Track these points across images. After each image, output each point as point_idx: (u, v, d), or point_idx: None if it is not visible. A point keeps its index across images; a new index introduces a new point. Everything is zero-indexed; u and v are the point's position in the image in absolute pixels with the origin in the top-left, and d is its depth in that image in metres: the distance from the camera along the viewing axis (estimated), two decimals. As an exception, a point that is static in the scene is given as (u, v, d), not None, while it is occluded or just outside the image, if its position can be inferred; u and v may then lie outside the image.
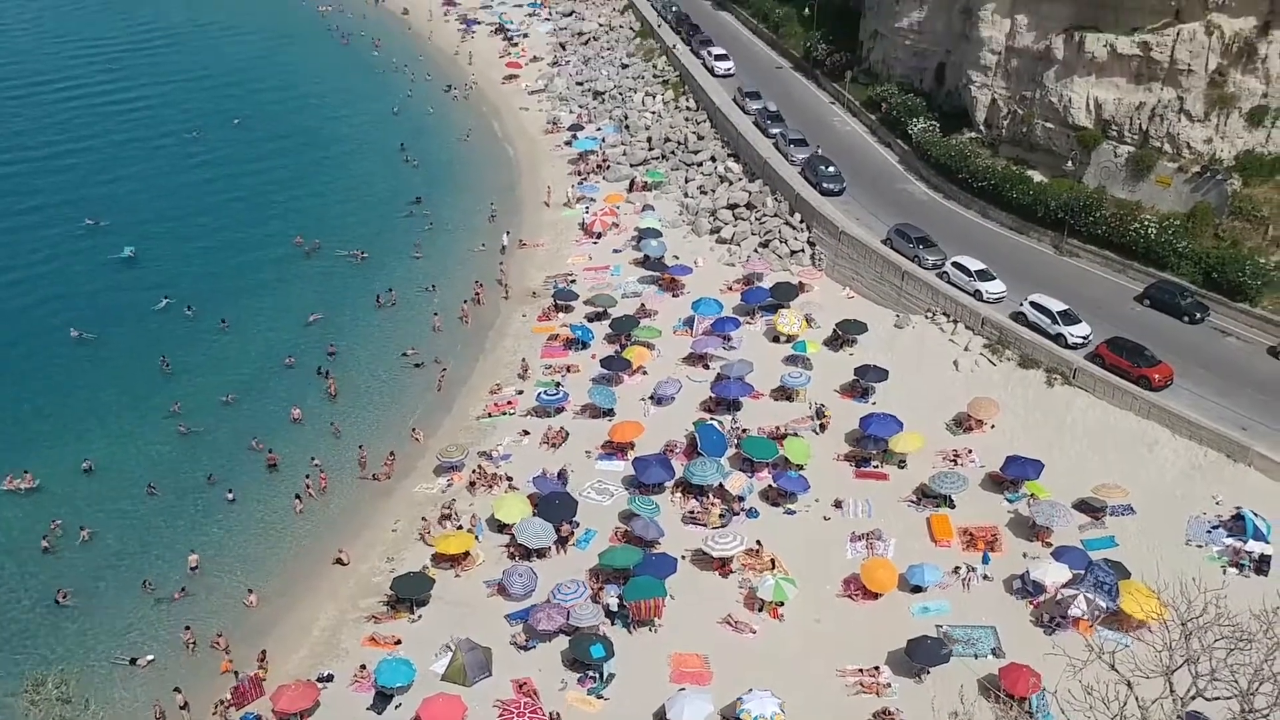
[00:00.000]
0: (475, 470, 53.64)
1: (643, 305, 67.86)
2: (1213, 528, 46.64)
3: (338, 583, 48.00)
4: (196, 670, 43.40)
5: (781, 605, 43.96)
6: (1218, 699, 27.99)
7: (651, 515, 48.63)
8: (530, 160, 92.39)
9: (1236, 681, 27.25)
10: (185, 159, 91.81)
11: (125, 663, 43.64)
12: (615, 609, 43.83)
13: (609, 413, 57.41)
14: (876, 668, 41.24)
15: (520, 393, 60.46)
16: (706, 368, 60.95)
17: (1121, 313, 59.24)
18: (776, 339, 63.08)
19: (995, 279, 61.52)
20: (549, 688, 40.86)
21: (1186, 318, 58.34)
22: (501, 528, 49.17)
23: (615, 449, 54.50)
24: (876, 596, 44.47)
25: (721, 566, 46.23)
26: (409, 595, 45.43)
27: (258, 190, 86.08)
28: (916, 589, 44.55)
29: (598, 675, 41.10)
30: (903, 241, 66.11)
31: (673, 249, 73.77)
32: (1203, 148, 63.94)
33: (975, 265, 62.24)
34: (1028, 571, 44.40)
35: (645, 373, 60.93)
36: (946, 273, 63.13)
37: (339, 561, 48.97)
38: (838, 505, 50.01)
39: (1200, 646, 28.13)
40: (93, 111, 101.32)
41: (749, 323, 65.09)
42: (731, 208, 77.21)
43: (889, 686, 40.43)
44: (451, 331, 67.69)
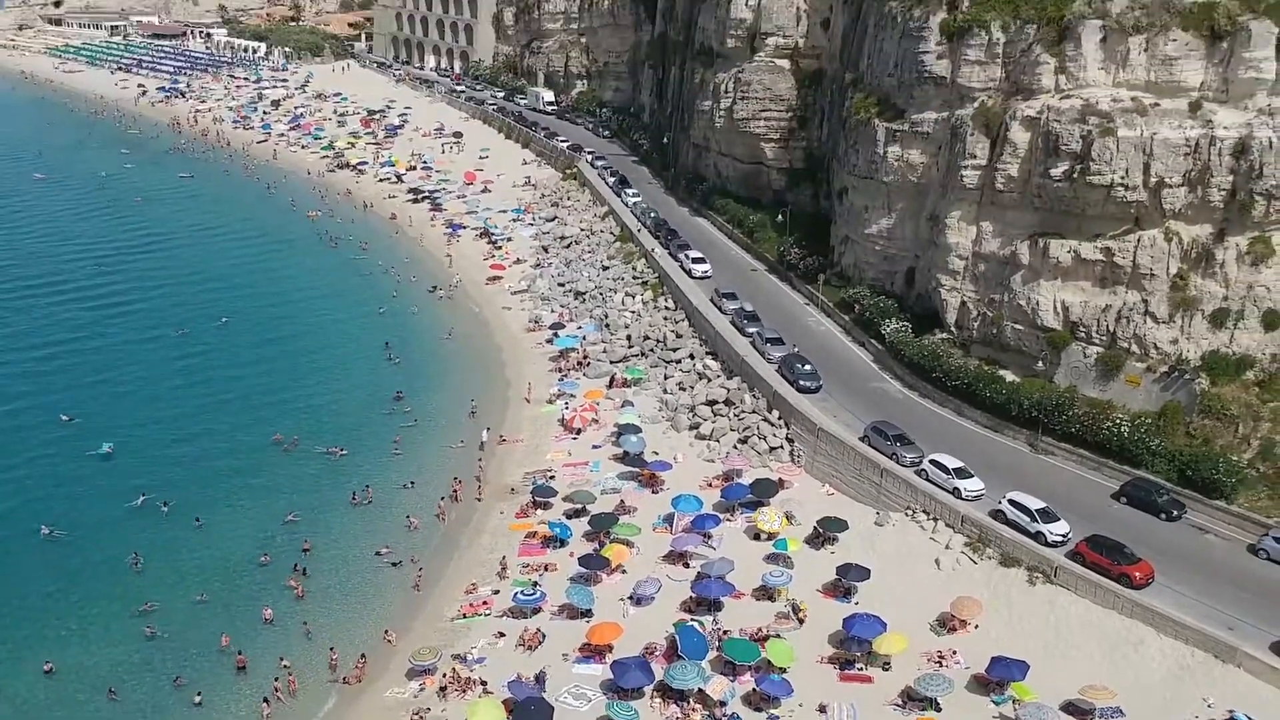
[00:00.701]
0: (448, 674, 52.20)
1: (622, 502, 67.63)
2: (1206, 733, 45.60)
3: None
4: None
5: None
6: None
7: (630, 721, 47.22)
8: (512, 357, 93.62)
9: None
10: (171, 357, 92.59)
11: None
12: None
13: (587, 613, 56.37)
14: None
15: (496, 592, 59.44)
16: (687, 566, 60.27)
17: (1099, 510, 59.41)
18: (757, 536, 62.68)
19: (973, 477, 61.88)
20: None
21: (1164, 515, 58.54)
22: (475, 734, 47.56)
23: (593, 651, 53.27)
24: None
25: (703, 775, 44.63)
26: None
27: (241, 388, 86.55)
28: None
29: None
30: (880, 439, 66.70)
31: (652, 445, 74.07)
32: (1169, 348, 65.59)
33: (953, 463, 62.70)
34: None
35: (624, 571, 60.14)
36: (925, 470, 63.48)
37: (305, 771, 47.10)
38: (822, 710, 48.69)
39: None
40: (84, 312, 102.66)
41: (729, 520, 64.78)
42: (710, 404, 78.01)
43: None
44: (428, 529, 67.04)
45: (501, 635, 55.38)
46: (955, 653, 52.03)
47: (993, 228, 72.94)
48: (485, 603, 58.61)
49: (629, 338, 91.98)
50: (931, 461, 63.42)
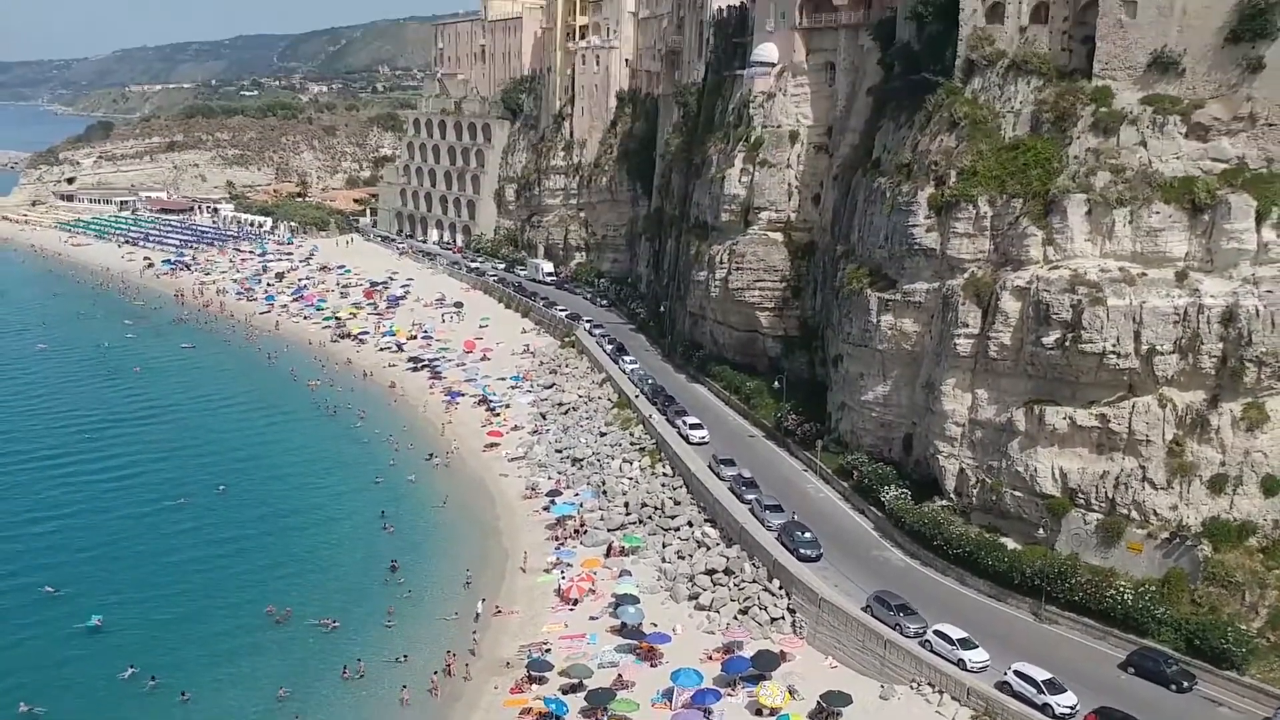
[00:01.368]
0: None
1: (620, 676, 66.01)
2: None
3: None
4: None
5: None
6: None
7: None
8: (508, 526, 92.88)
9: None
10: (167, 527, 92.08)
11: None
12: None
13: (584, 793, 54.47)
14: None
15: (491, 771, 57.60)
16: (686, 743, 58.54)
17: (1107, 681, 58.09)
18: (759, 712, 61.00)
19: (978, 647, 60.70)
20: None
21: (1174, 686, 57.21)
22: None
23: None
24: None
25: None
26: None
27: (236, 558, 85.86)
28: None
29: None
30: (883, 609, 65.67)
31: (650, 616, 72.80)
32: (1169, 514, 65.23)
33: (957, 634, 61.60)
34: None
35: (622, 749, 58.38)
36: (929, 641, 62.29)
37: None
38: None
39: None
40: (78, 483, 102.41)
41: (730, 694, 63.13)
42: (710, 573, 77.04)
43: None
44: (420, 705, 65.32)
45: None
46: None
47: (988, 395, 73.47)
48: (478, 783, 56.63)
49: (627, 505, 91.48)
50: (935, 632, 62.32)
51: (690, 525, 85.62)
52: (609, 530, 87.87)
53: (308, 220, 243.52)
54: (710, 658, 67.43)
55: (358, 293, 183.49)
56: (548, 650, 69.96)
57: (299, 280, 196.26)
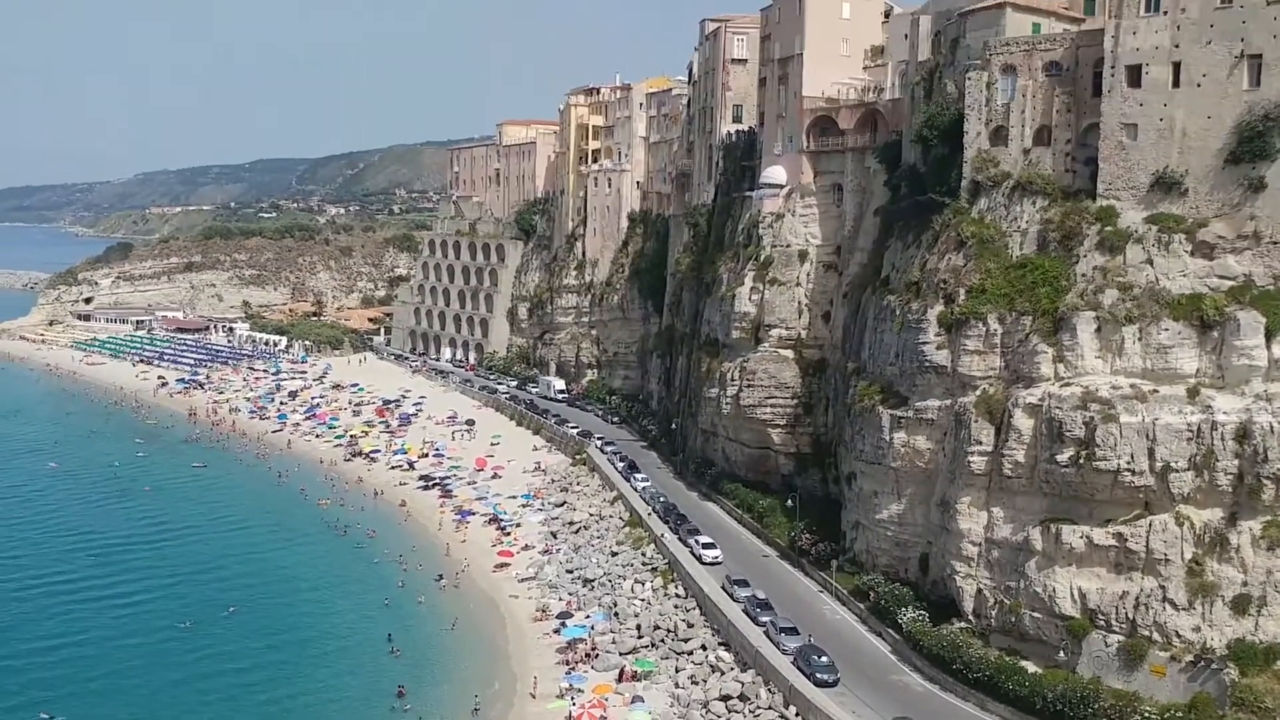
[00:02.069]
0: None
1: (632, 806, 64.14)
2: None
3: None
4: None
5: None
6: None
7: None
8: (518, 649, 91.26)
9: None
10: (176, 653, 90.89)
11: None
12: None
13: None
14: None
15: None
16: None
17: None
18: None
19: (1001, 776, 58.92)
20: None
21: (1207, 819, 55.22)
22: None
23: None
24: None
25: None
26: None
27: (243, 686, 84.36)
28: None
29: None
30: (902, 736, 64.00)
31: (664, 744, 71.03)
32: (1192, 636, 63.93)
33: (979, 761, 59.88)
34: None
35: None
36: (950, 769, 60.56)
37: None
38: None
39: None
40: (84, 606, 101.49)
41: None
42: (724, 699, 75.26)
43: None
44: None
45: None
46: None
47: (1004, 513, 72.75)
48: None
49: (639, 627, 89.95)
50: (957, 760, 60.60)
51: (704, 649, 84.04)
52: (621, 654, 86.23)
53: (322, 339, 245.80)
54: (725, 787, 65.52)
55: (370, 411, 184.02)
56: (558, 779, 68.12)
57: (312, 398, 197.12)
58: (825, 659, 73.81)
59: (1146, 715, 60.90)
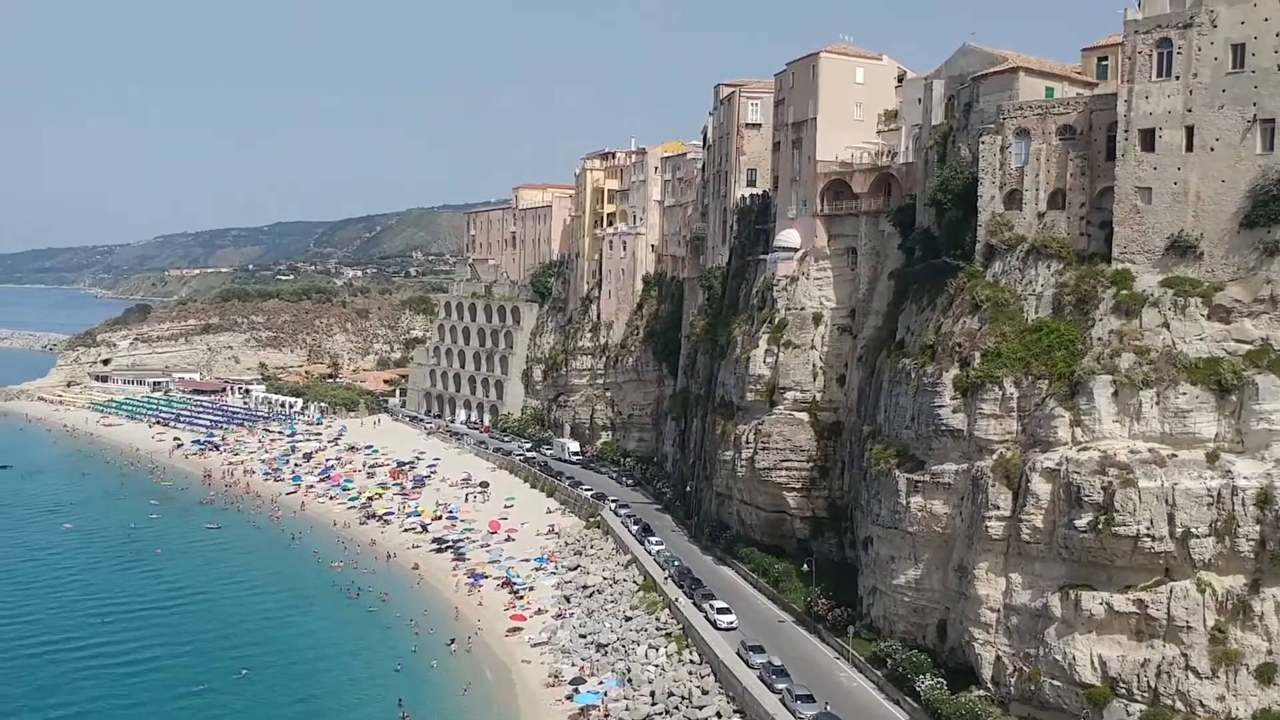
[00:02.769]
0: None
1: None
2: None
3: None
4: None
5: None
6: None
7: None
8: (530, 715, 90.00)
9: None
10: (186, 716, 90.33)
11: None
12: None
13: None
14: None
15: None
16: None
17: None
18: None
19: None
20: None
21: None
22: None
23: None
24: None
25: None
26: None
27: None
28: None
29: None
30: (920, 807, 62.71)
31: (678, 814, 69.71)
32: (1216, 705, 62.83)
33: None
34: None
35: None
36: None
37: None
38: None
39: None
40: (95, 670, 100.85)
41: None
42: (739, 768, 74.14)
43: None
44: None
45: None
46: None
47: (1022, 579, 71.86)
48: None
49: (652, 694, 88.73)
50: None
51: (719, 716, 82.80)
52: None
53: (337, 400, 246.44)
54: None
55: (384, 473, 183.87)
56: None
57: (326, 460, 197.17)
58: (842, 728, 72.61)
59: (1172, 787, 59.67)
